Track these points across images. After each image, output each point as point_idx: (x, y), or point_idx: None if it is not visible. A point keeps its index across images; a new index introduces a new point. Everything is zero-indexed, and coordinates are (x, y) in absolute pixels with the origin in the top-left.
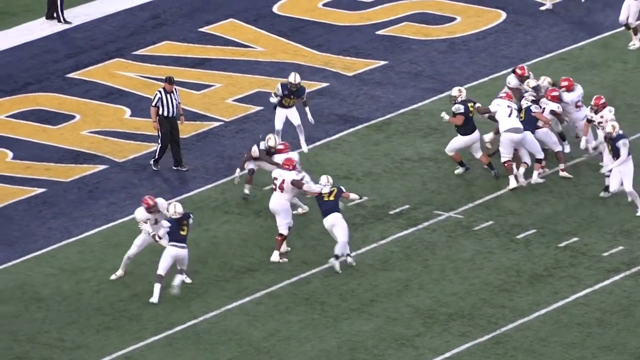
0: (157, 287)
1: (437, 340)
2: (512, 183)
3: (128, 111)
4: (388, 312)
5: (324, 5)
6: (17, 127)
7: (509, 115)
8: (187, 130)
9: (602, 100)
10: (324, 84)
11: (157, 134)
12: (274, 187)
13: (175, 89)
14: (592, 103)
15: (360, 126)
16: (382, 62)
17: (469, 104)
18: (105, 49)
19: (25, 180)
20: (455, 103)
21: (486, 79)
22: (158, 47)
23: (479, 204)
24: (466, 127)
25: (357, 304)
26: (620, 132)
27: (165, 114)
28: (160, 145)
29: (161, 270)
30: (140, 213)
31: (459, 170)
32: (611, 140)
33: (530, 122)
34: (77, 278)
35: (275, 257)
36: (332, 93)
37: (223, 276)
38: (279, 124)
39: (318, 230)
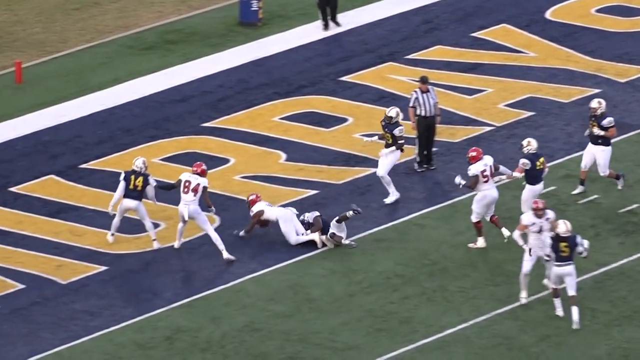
0: (556, 301)
1: None
2: None
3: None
4: None
5: (597, 11)
6: (291, 129)
7: None
8: (458, 134)
9: None
10: (596, 90)
11: (415, 135)
12: (485, 179)
13: (431, 88)
14: None
15: (632, 133)
16: None
17: None
18: (378, 53)
19: (297, 182)
20: (595, 116)
21: None
22: (430, 52)
23: None
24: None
25: (629, 310)
26: None
27: (423, 113)
28: (418, 146)
29: (553, 284)
30: (527, 218)
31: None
32: None
33: None
34: (348, 280)
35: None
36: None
37: (493, 280)
38: (380, 170)
39: (586, 237)
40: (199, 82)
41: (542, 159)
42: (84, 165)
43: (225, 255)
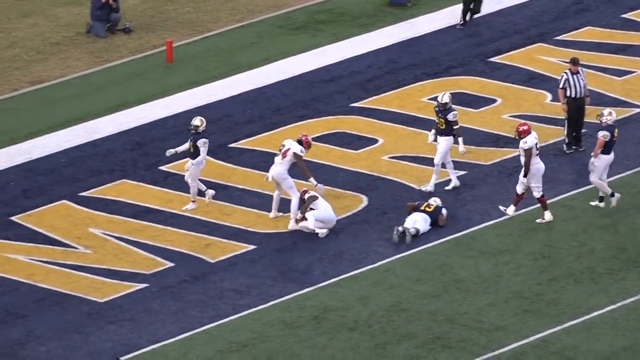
0: None
1: None
2: None
3: (549, 96)
4: None
5: None
6: None
7: None
8: None
9: None
10: None
11: (564, 117)
12: (537, 152)
13: (581, 70)
14: None
15: None
16: None
17: None
18: (527, 34)
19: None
20: None
21: None
22: (580, 33)
23: None
24: None
25: None
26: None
27: (573, 95)
28: (567, 127)
29: None
30: None
31: None
32: None
33: None
34: (496, 261)
35: None
36: None
37: None
38: (436, 157)
39: None
40: (348, 62)
41: (617, 131)
42: (233, 145)
43: (291, 224)
